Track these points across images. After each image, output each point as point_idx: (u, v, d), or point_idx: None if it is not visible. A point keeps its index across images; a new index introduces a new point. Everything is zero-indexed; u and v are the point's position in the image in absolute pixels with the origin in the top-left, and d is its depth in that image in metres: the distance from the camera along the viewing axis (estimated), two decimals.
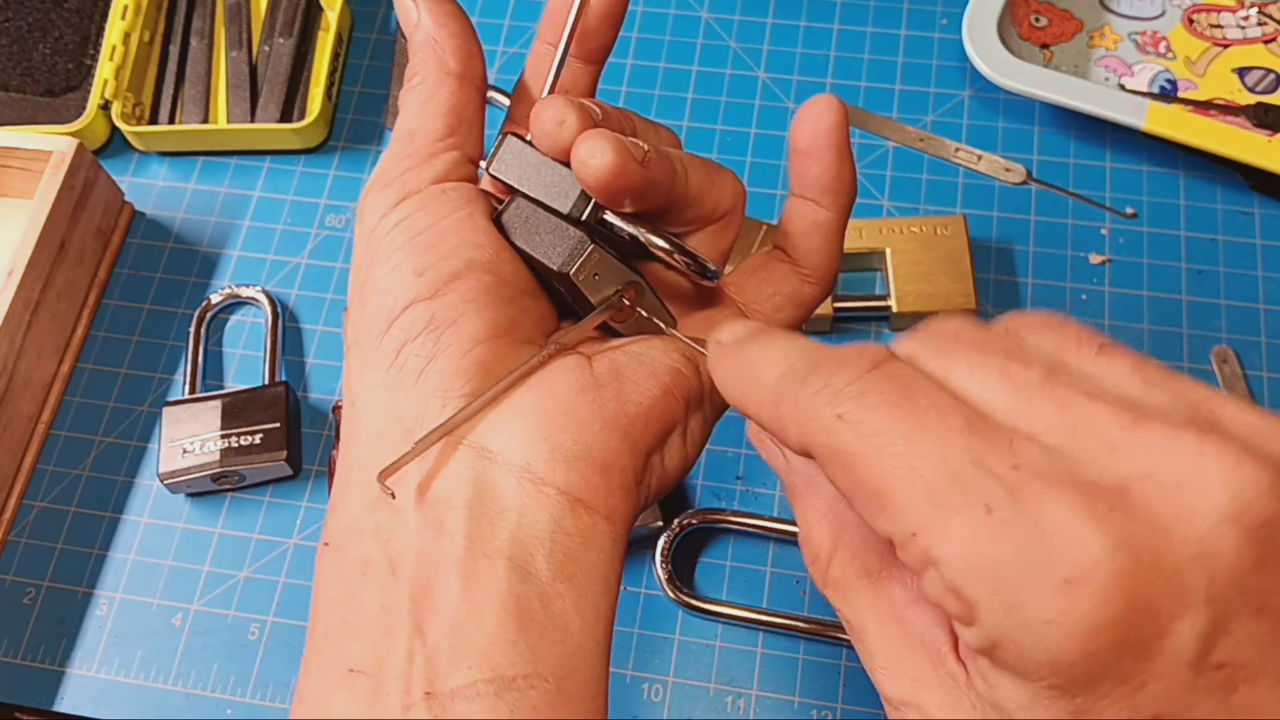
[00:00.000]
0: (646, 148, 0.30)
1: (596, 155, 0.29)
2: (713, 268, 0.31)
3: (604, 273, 0.30)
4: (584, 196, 0.31)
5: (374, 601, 0.27)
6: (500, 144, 0.32)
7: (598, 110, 0.31)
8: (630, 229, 0.31)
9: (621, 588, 0.52)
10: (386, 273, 0.30)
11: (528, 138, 0.32)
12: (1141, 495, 0.19)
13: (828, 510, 0.27)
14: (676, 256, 0.31)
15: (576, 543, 0.27)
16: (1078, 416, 0.20)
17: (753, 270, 0.34)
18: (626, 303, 0.31)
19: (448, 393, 0.28)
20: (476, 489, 0.27)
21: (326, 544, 0.29)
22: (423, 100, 0.32)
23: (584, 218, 0.31)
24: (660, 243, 0.31)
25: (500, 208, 0.32)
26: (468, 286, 0.29)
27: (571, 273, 0.30)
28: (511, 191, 0.32)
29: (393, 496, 0.27)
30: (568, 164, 0.30)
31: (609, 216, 0.31)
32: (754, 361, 0.26)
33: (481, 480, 0.27)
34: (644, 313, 0.32)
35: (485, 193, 0.32)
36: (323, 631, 0.27)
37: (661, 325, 0.32)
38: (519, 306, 0.30)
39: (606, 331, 0.32)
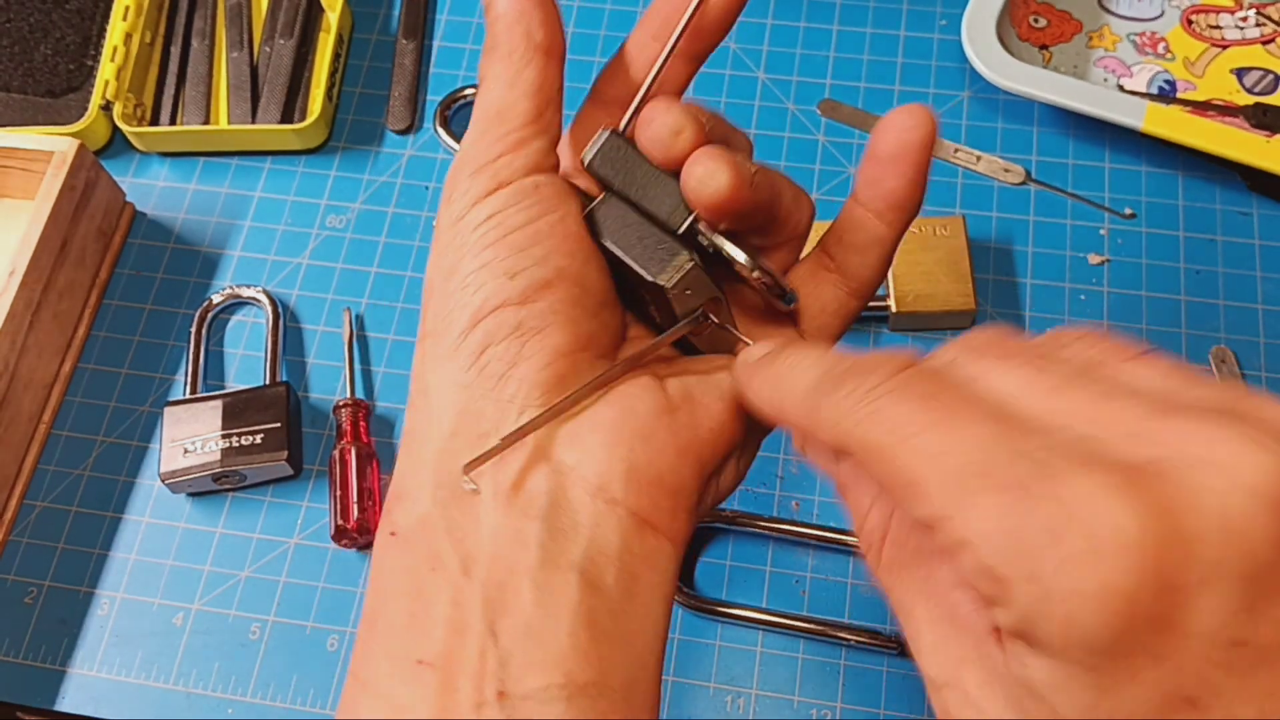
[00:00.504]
0: (754, 169, 0.29)
1: (715, 177, 0.29)
2: (790, 290, 0.31)
3: (694, 288, 0.30)
4: (685, 208, 0.30)
5: (444, 598, 0.27)
6: (601, 139, 0.31)
7: (708, 119, 0.31)
8: (724, 245, 0.30)
9: None
10: (476, 269, 0.29)
11: (622, 128, 0.31)
12: (1169, 471, 0.19)
13: (873, 501, 0.27)
14: (758, 276, 0.30)
15: (642, 562, 0.28)
16: (1106, 408, 0.21)
17: (801, 282, 0.34)
18: (712, 319, 0.31)
19: (525, 400, 0.29)
20: (553, 501, 0.28)
21: (393, 534, 0.29)
22: (510, 76, 0.31)
23: (682, 230, 0.30)
24: (746, 261, 0.30)
25: (592, 204, 0.31)
26: (557, 297, 0.29)
27: (669, 287, 0.30)
28: (606, 188, 0.31)
29: (477, 492, 0.28)
30: (669, 171, 0.30)
31: (701, 227, 0.30)
32: (788, 373, 0.27)
33: (557, 494, 0.28)
34: (728, 327, 0.31)
35: (573, 187, 0.32)
36: (386, 621, 0.28)
37: (740, 337, 0.31)
38: (600, 321, 0.30)
39: (677, 344, 0.32)
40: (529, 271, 0.29)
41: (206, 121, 0.64)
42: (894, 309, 0.55)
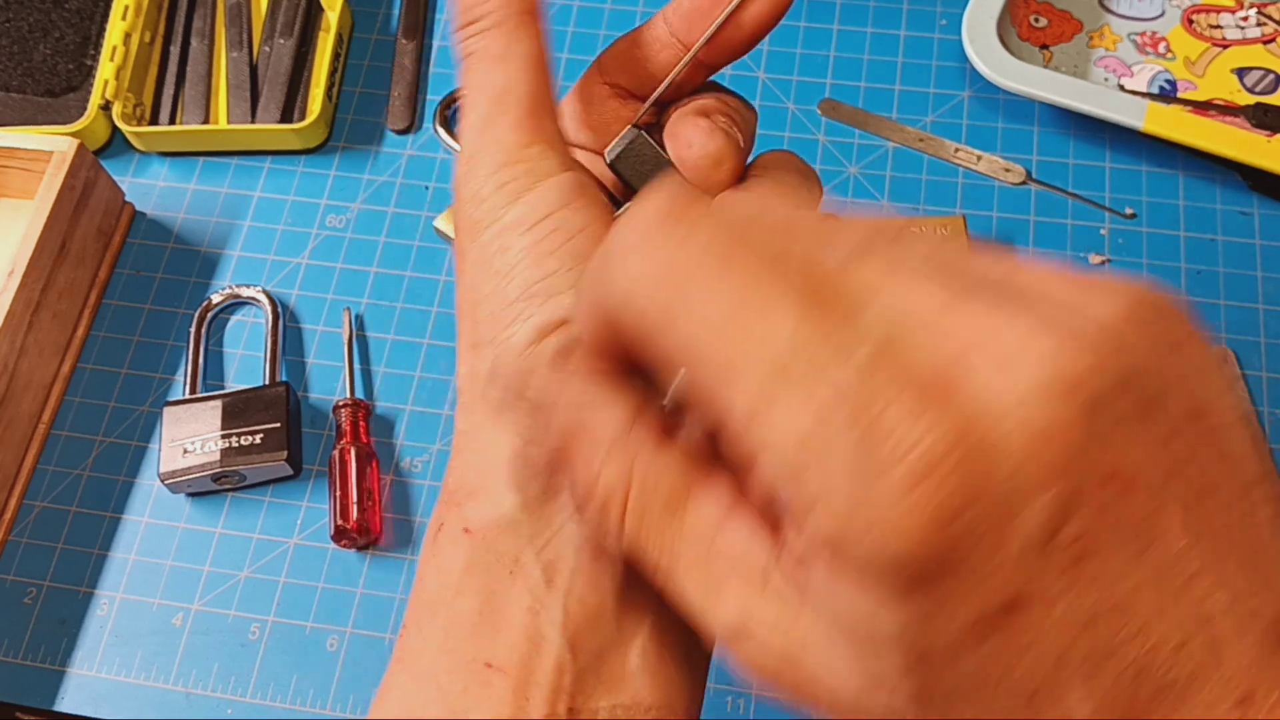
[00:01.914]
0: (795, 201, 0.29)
1: None
2: None
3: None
4: None
5: (522, 604, 0.26)
6: (626, 139, 0.30)
7: (742, 125, 0.30)
8: None
9: None
10: (540, 279, 0.28)
11: (638, 123, 0.31)
12: (969, 379, 0.18)
13: (612, 447, 0.24)
14: None
15: None
16: (895, 299, 0.19)
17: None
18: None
19: None
20: None
21: (468, 530, 0.28)
22: (500, 50, 0.28)
23: None
24: None
25: (621, 208, 0.31)
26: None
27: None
28: (626, 187, 0.31)
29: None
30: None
31: None
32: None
33: None
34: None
35: (594, 182, 0.30)
36: (450, 617, 0.27)
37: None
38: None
39: None
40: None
41: (206, 121, 0.64)
42: None
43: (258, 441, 0.54)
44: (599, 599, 0.26)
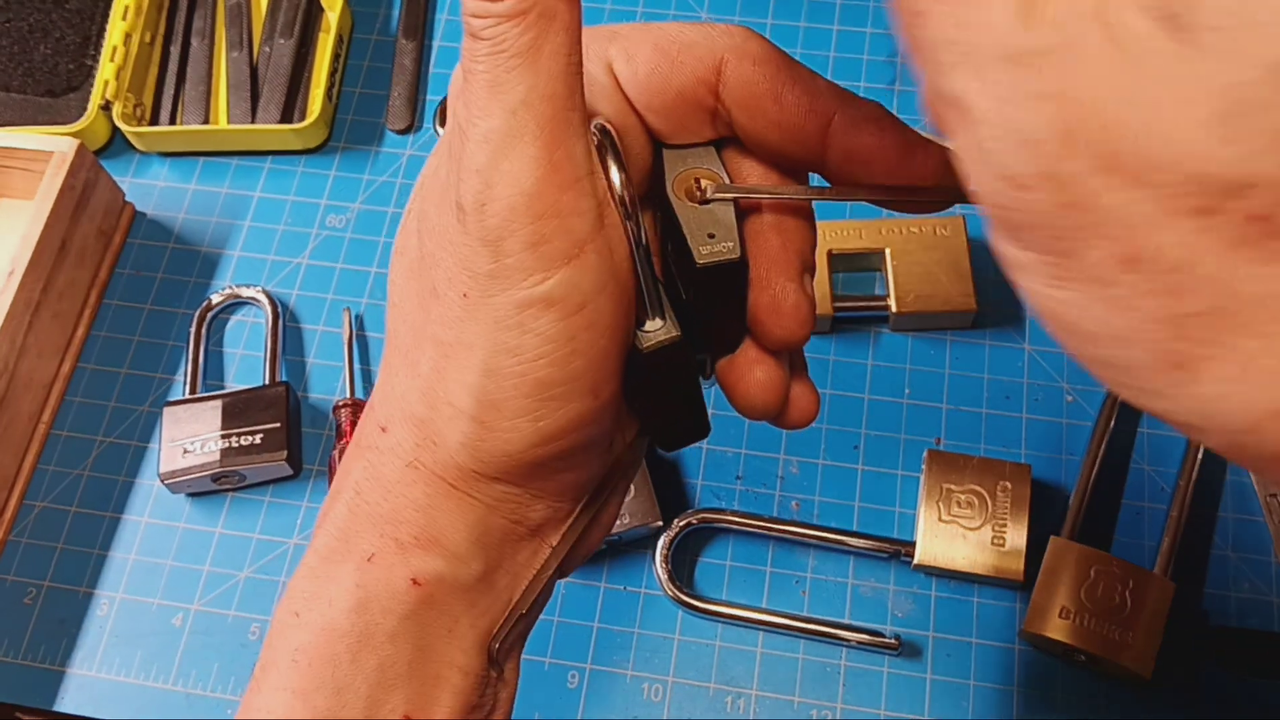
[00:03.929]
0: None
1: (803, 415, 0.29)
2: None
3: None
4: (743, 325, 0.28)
5: (454, 663, 0.28)
6: (669, 334, 0.27)
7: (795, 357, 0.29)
8: None
9: (622, 587, 0.52)
10: (565, 382, 0.25)
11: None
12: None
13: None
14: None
15: None
16: None
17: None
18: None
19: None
20: None
21: (416, 582, 0.27)
22: (526, 44, 0.22)
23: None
24: None
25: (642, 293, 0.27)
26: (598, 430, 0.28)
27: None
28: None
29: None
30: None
31: None
32: None
33: None
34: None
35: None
36: (377, 659, 0.28)
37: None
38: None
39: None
40: (606, 387, 0.26)
41: (206, 121, 0.64)
42: (894, 309, 0.55)
43: (258, 441, 0.54)
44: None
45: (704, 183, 0.27)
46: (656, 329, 0.26)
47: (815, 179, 0.28)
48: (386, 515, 0.27)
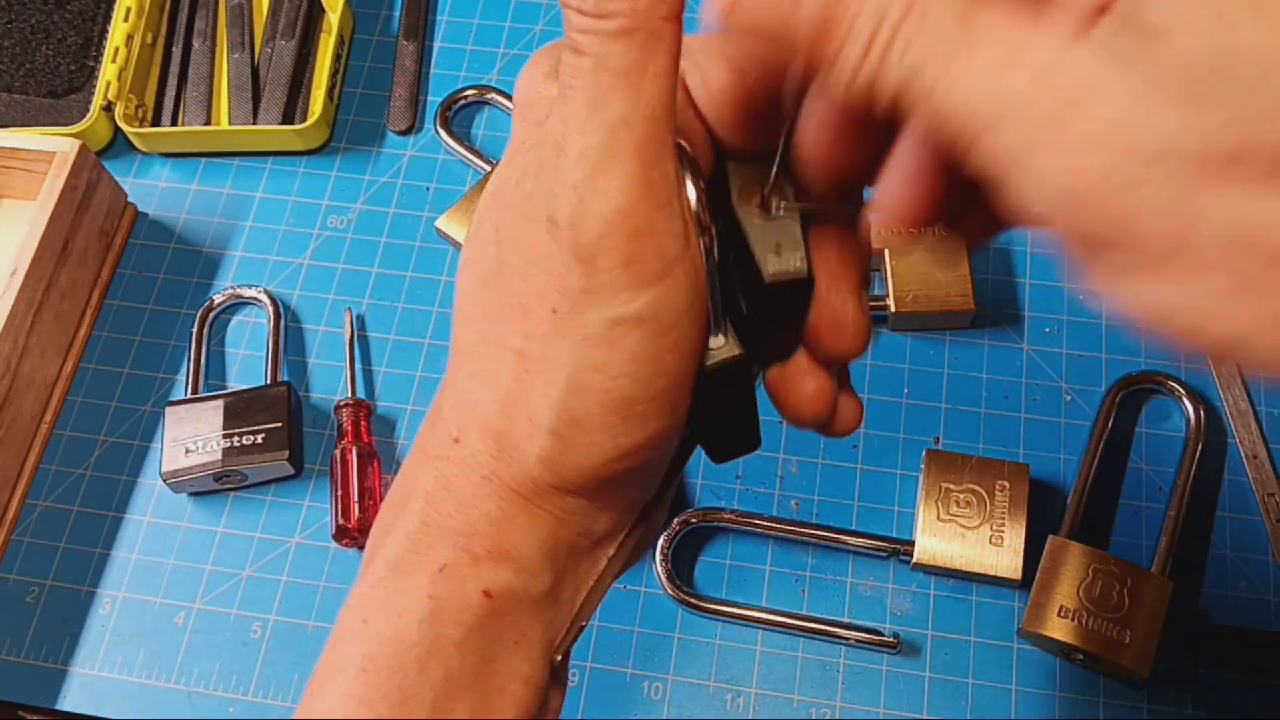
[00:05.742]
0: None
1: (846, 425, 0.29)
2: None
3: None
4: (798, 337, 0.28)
5: (520, 674, 0.28)
6: (730, 354, 0.27)
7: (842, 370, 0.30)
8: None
9: (622, 586, 0.52)
10: (648, 400, 0.25)
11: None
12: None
13: None
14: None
15: None
16: None
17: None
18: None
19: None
20: None
21: (488, 594, 0.27)
22: (631, 63, 0.22)
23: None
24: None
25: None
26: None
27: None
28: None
29: None
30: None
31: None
32: None
33: None
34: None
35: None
36: (444, 667, 0.28)
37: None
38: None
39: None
40: (682, 405, 0.26)
41: (208, 122, 0.65)
42: (893, 309, 0.55)
43: (259, 441, 0.54)
44: None
45: (772, 196, 0.26)
46: (719, 346, 0.26)
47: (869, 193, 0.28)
48: (460, 527, 0.27)
